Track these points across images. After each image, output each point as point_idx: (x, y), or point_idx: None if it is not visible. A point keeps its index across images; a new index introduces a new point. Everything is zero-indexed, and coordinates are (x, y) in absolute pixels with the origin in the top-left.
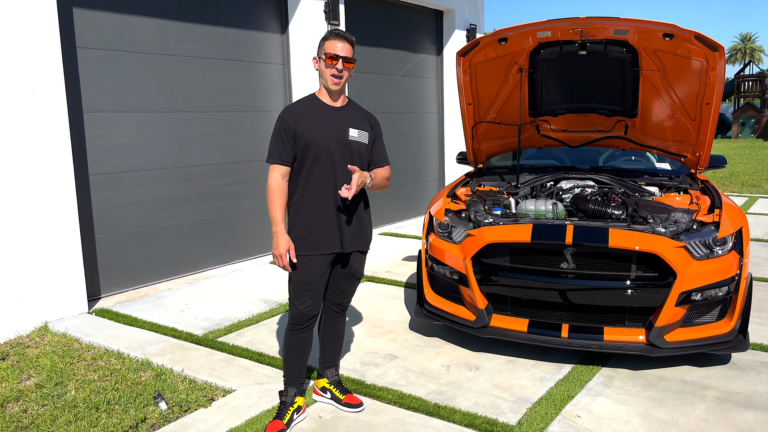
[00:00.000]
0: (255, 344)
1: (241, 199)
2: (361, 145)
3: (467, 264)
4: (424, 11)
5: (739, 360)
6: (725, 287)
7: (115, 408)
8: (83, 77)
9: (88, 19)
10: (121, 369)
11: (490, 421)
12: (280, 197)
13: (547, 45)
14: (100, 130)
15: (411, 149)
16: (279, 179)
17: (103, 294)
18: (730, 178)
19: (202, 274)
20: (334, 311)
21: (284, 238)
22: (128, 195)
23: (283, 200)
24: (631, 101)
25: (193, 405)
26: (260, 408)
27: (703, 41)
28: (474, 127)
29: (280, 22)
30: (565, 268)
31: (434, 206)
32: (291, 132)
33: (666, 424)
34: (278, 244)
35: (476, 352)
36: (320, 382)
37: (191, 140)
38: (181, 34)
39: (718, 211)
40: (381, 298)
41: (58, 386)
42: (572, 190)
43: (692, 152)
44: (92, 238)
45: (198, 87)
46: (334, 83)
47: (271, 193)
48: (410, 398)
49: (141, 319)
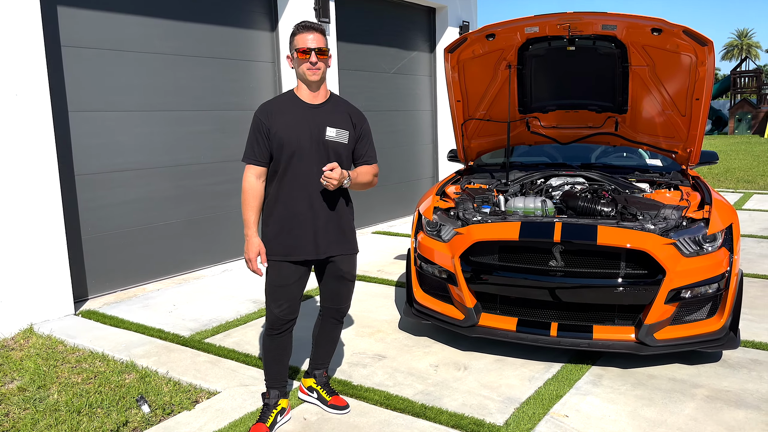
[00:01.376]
0: (242, 345)
1: (231, 198)
2: (339, 145)
3: (456, 262)
4: (417, 8)
5: (730, 357)
6: (715, 284)
7: (97, 411)
8: (68, 76)
9: (73, 18)
10: (105, 371)
11: (476, 421)
12: (252, 199)
13: (536, 41)
14: (85, 130)
15: (404, 147)
16: (253, 180)
17: (90, 295)
18: (726, 174)
19: (192, 274)
20: (334, 319)
21: (255, 242)
22: (116, 195)
23: (257, 202)
24: (620, 97)
25: (176, 407)
26: (245, 410)
27: (692, 36)
28: (463, 124)
29: (269, 20)
30: (553, 266)
31: (423, 204)
32: (265, 131)
33: (655, 423)
34: (248, 248)
35: (465, 351)
36: (307, 382)
37: (180, 139)
38: (168, 32)
39: (708, 207)
40: (371, 297)
41: (41, 389)
42: (562, 188)
43: (683, 148)
44: (79, 239)
45: (186, 85)
46: (312, 74)
47: (244, 195)
48: (397, 399)
49: (128, 320)
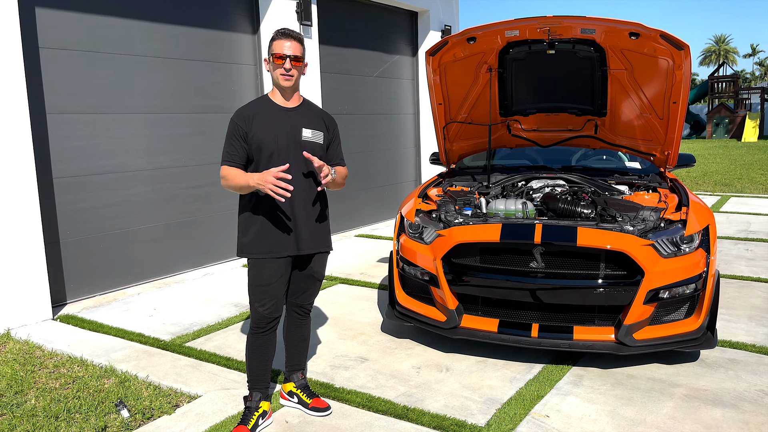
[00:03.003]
0: (223, 349)
1: (212, 201)
2: (315, 145)
3: (437, 264)
4: (399, 12)
5: (708, 357)
6: (692, 284)
7: (76, 416)
8: (46, 78)
9: (52, 19)
10: (83, 376)
11: (458, 422)
12: (236, 173)
13: (516, 44)
14: (64, 132)
15: (387, 150)
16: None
17: (69, 300)
18: (704, 178)
19: (173, 278)
20: (296, 313)
21: (256, 175)
22: (94, 198)
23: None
24: (600, 100)
25: (156, 412)
26: (225, 414)
27: (669, 40)
28: (445, 127)
29: (251, 23)
30: (534, 268)
31: (405, 207)
32: (242, 134)
33: (634, 422)
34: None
35: (447, 353)
36: (287, 387)
37: (160, 142)
38: (148, 34)
39: (685, 209)
40: (354, 300)
41: (18, 395)
42: (542, 190)
43: (661, 151)
44: (57, 243)
45: (166, 88)
46: (285, 80)
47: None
48: (379, 401)
49: (107, 324)
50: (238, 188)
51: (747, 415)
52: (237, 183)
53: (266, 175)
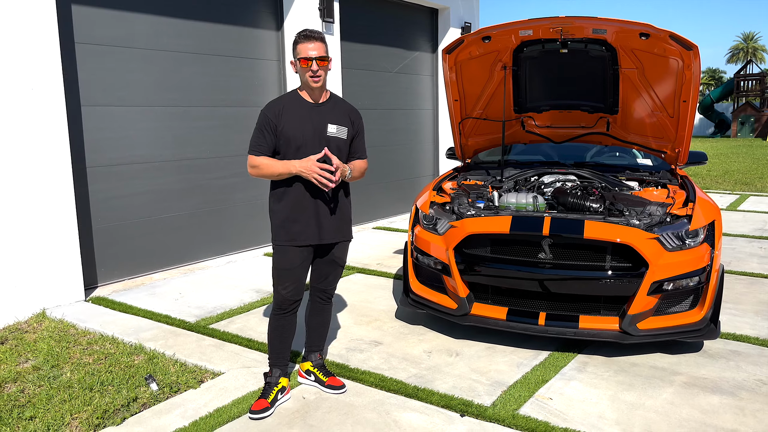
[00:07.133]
0: (245, 331)
1: (236, 192)
2: (339, 140)
3: (450, 254)
4: (420, 9)
5: (711, 348)
6: (696, 277)
7: (108, 389)
8: (81, 72)
9: (87, 15)
10: (114, 353)
11: (465, 402)
12: (269, 161)
13: (530, 43)
14: (97, 124)
15: (405, 145)
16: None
17: (100, 283)
18: (724, 176)
19: (197, 264)
20: (319, 298)
21: (297, 162)
22: (125, 187)
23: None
24: (611, 98)
25: (183, 386)
26: (247, 389)
27: (678, 41)
28: (461, 123)
29: (275, 19)
30: (542, 259)
31: (420, 199)
32: (272, 127)
33: (633, 406)
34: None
35: (458, 339)
36: (305, 366)
37: (186, 134)
38: (177, 31)
39: (691, 205)
40: (370, 288)
41: (54, 368)
42: (554, 184)
43: (671, 148)
44: (90, 229)
45: (193, 82)
46: (314, 82)
47: (258, 170)
48: (391, 381)
49: (136, 306)
50: (272, 175)
51: (744, 402)
52: (273, 171)
53: (309, 163)
